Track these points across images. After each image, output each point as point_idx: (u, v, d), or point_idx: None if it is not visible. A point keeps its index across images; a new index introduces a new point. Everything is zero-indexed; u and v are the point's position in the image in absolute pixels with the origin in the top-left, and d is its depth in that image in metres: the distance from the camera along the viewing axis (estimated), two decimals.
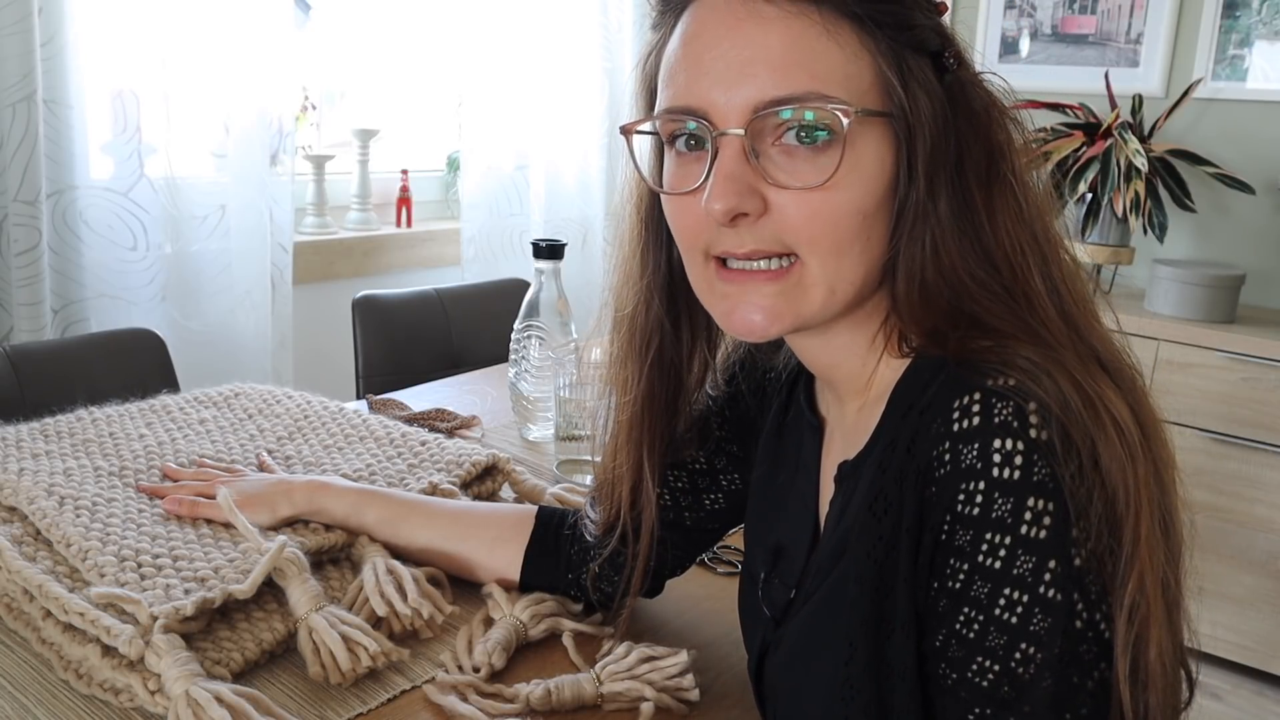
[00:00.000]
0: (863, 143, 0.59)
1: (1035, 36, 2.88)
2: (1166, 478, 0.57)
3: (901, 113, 0.59)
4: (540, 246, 1.32)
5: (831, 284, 0.61)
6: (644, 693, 0.77)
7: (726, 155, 0.59)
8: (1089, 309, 0.62)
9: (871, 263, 0.62)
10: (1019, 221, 0.60)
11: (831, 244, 0.60)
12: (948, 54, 0.61)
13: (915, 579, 0.57)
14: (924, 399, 0.58)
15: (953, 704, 0.56)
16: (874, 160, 0.59)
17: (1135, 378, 0.60)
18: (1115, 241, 2.58)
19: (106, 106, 1.85)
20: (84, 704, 0.74)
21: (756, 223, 0.60)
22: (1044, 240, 0.61)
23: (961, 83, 0.61)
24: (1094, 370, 0.57)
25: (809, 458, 0.74)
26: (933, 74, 0.60)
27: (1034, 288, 0.60)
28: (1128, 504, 0.53)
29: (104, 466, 0.99)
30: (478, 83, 2.51)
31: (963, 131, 0.61)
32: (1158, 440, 0.57)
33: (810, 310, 0.62)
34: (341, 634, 0.77)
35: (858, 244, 0.60)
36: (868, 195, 0.60)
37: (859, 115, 0.58)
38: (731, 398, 0.84)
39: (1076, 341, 0.59)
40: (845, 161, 0.58)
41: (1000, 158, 0.61)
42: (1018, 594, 0.53)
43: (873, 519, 0.59)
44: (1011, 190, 0.61)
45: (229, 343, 2.05)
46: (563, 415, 1.22)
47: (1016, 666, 0.54)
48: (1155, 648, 0.53)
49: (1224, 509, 2.32)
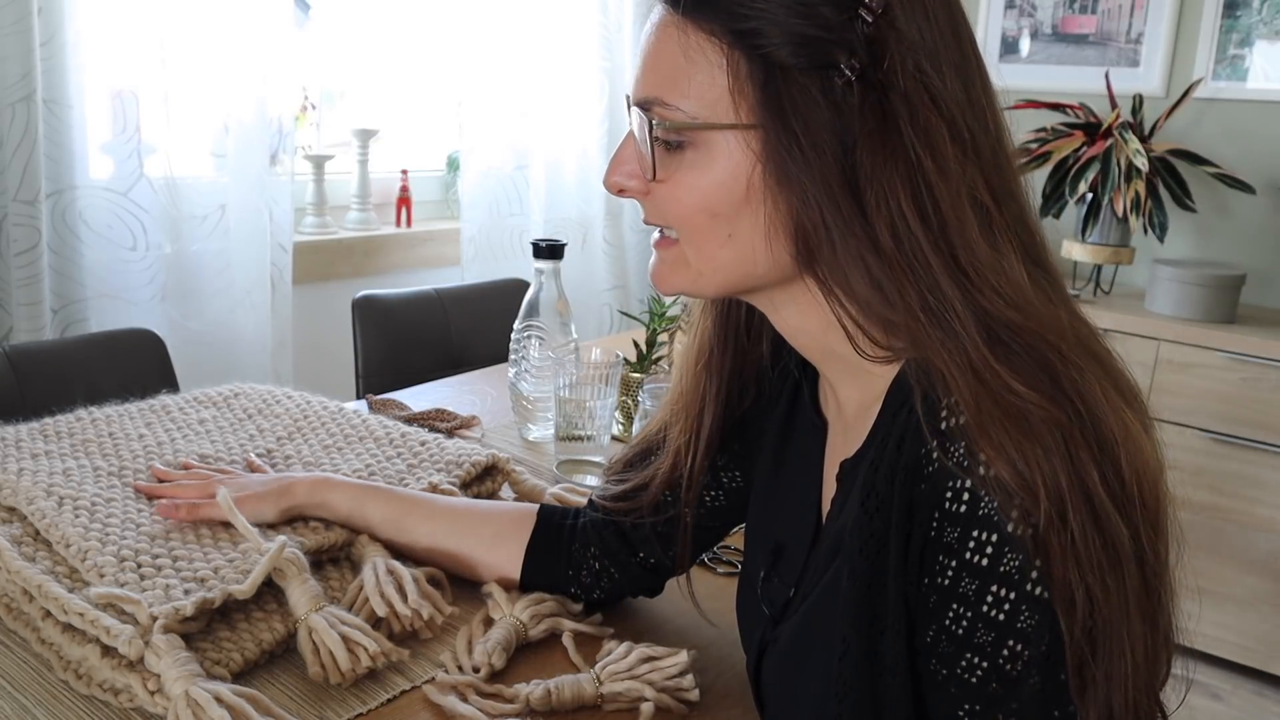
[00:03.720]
0: (715, 149, 0.62)
1: (1035, 36, 2.88)
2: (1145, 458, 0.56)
3: (756, 125, 0.60)
4: (540, 246, 1.32)
5: (698, 267, 0.66)
6: (644, 693, 0.77)
7: (625, 139, 0.67)
8: (1023, 308, 0.58)
9: (739, 258, 0.64)
10: (925, 237, 0.57)
11: (687, 232, 0.65)
12: (845, 65, 0.58)
13: (906, 575, 0.58)
14: (914, 398, 0.58)
15: (943, 700, 0.56)
16: (724, 167, 0.62)
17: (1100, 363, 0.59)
18: (1115, 241, 2.58)
19: (106, 106, 1.85)
20: (84, 704, 0.74)
21: (644, 200, 0.67)
22: (963, 253, 0.57)
23: (870, 90, 0.58)
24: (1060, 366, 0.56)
25: (811, 457, 0.74)
26: (815, 85, 0.58)
27: (946, 306, 0.57)
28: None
29: (103, 466, 0.99)
30: (477, 83, 2.51)
31: (852, 144, 0.58)
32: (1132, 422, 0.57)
33: (683, 283, 0.68)
34: (341, 634, 0.77)
35: (714, 238, 0.64)
36: (711, 198, 0.63)
37: (698, 126, 0.61)
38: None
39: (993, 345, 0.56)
40: (687, 163, 0.63)
41: (896, 168, 0.57)
42: (1005, 591, 0.53)
43: (865, 516, 0.60)
44: (908, 203, 0.57)
45: (229, 343, 2.05)
46: (563, 415, 1.22)
47: (1004, 663, 0.54)
48: (1129, 651, 0.53)
49: (1224, 509, 2.32)
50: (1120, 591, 0.53)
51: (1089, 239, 2.60)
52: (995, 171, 0.60)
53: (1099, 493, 0.53)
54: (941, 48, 0.59)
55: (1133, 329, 2.41)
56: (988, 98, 0.62)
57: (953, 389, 0.55)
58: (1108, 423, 0.54)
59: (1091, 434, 0.54)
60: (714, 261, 0.65)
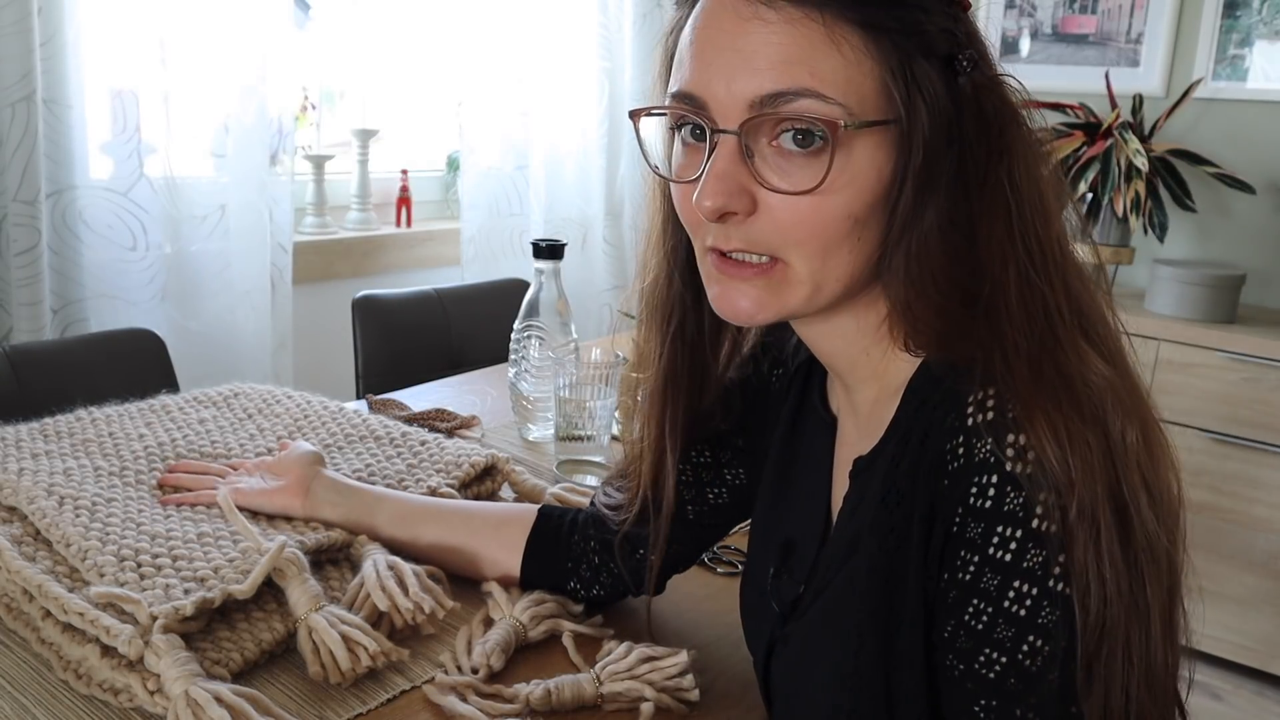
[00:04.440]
0: (859, 148, 0.58)
1: (1035, 36, 2.88)
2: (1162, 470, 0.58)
3: (901, 120, 0.59)
4: (540, 246, 1.32)
5: (817, 282, 0.62)
6: (644, 693, 0.77)
7: (721, 153, 0.59)
8: (1092, 316, 0.63)
9: (862, 261, 0.62)
10: (1007, 230, 0.59)
11: (818, 247, 0.60)
12: (962, 57, 0.59)
13: (926, 570, 0.58)
14: (938, 393, 0.59)
15: (960, 695, 0.56)
16: (868, 166, 0.59)
17: (1134, 381, 0.62)
18: (1115, 241, 2.58)
19: (106, 106, 1.84)
20: (84, 704, 0.74)
21: (745, 221, 0.60)
22: (1037, 248, 0.60)
23: (976, 86, 0.60)
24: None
25: (821, 454, 0.74)
26: (940, 79, 0.59)
27: (1008, 299, 0.58)
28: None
29: (104, 466, 0.99)
30: (477, 83, 2.51)
31: (968, 137, 0.59)
32: (1151, 428, 0.58)
33: (795, 303, 0.63)
34: (341, 634, 0.77)
35: (845, 246, 0.60)
36: (858, 200, 0.59)
37: (855, 123, 0.57)
38: (740, 386, 0.84)
39: (1048, 362, 0.58)
40: (836, 166, 0.58)
41: (998, 163, 0.60)
42: (1027, 587, 0.54)
43: (885, 511, 0.60)
44: (1004, 197, 0.59)
45: (229, 343, 2.05)
46: (562, 415, 1.22)
47: (1024, 659, 0.54)
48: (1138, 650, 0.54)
49: (1224, 509, 2.32)
50: (1135, 592, 0.53)
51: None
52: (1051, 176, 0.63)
53: (1133, 491, 0.54)
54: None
55: (1133, 329, 2.37)
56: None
57: (1012, 364, 0.56)
58: (1151, 421, 0.57)
59: (1137, 426, 0.56)
60: (836, 273, 0.61)
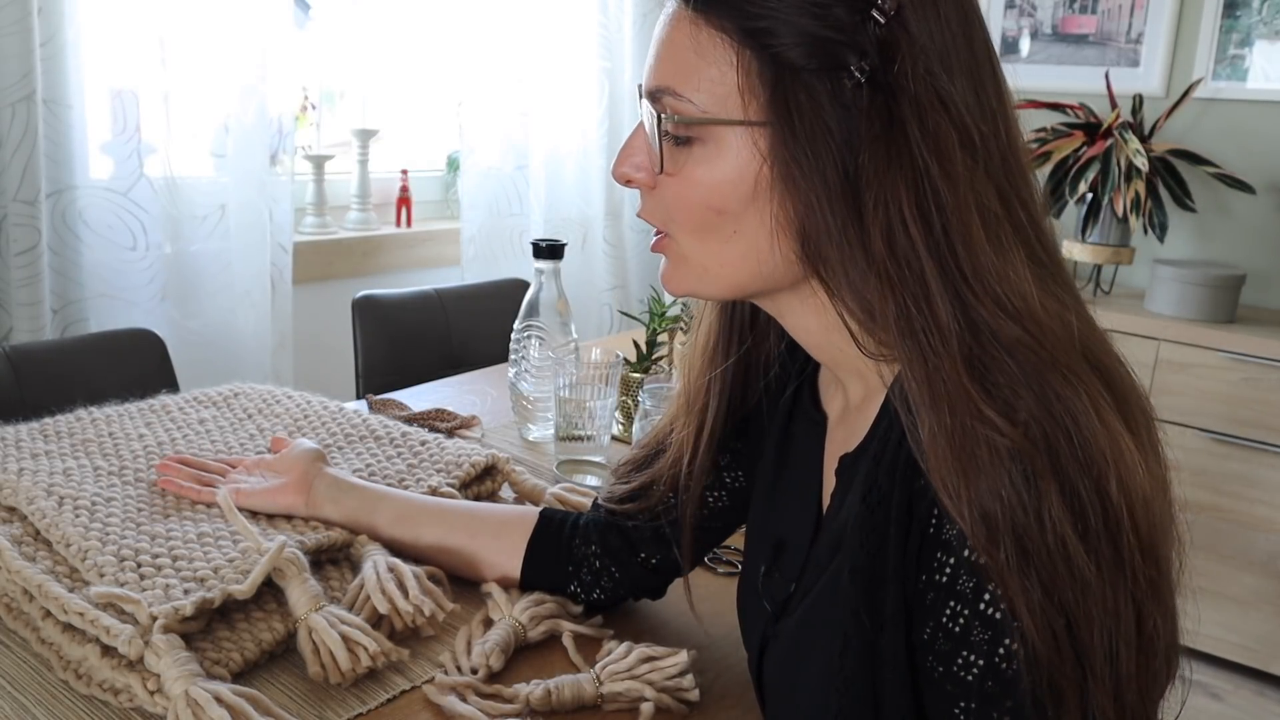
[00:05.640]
0: (723, 145, 0.61)
1: (1035, 36, 2.88)
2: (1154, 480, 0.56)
3: (774, 124, 0.59)
4: (540, 246, 1.32)
5: (704, 263, 0.66)
6: (644, 693, 0.77)
7: (636, 130, 0.67)
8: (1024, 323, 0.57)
9: (750, 254, 0.63)
10: (925, 239, 0.57)
11: (689, 229, 0.65)
12: (854, 68, 0.57)
13: (904, 570, 0.58)
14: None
15: (940, 697, 0.56)
16: (732, 164, 0.61)
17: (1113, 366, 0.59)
18: (1115, 241, 2.58)
19: (106, 106, 1.85)
20: (84, 704, 0.74)
21: (650, 195, 0.67)
22: (967, 265, 0.56)
23: (876, 94, 0.57)
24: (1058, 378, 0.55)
25: (811, 452, 0.74)
26: (826, 87, 0.58)
27: (935, 306, 0.56)
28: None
29: (104, 466, 0.99)
30: (477, 83, 2.51)
31: (856, 145, 0.58)
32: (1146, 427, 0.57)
33: (693, 282, 0.67)
34: (341, 634, 0.77)
35: (719, 235, 0.64)
36: (717, 194, 0.62)
37: (704, 120, 0.61)
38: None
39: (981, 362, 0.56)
40: (695, 158, 0.62)
41: (899, 173, 0.57)
42: (1002, 590, 0.53)
43: (866, 510, 0.60)
44: (902, 211, 0.57)
45: (229, 343, 2.05)
46: (562, 415, 1.22)
47: (1000, 662, 0.54)
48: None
49: (1224, 509, 2.32)
50: (1099, 615, 0.52)
51: (1089, 239, 2.60)
52: (1005, 177, 0.59)
53: (1064, 524, 0.52)
54: (953, 50, 0.58)
55: (1133, 329, 2.41)
56: (1000, 100, 0.60)
57: (916, 410, 0.55)
58: (1098, 444, 0.53)
59: (1075, 458, 0.53)
60: (718, 259, 0.65)
